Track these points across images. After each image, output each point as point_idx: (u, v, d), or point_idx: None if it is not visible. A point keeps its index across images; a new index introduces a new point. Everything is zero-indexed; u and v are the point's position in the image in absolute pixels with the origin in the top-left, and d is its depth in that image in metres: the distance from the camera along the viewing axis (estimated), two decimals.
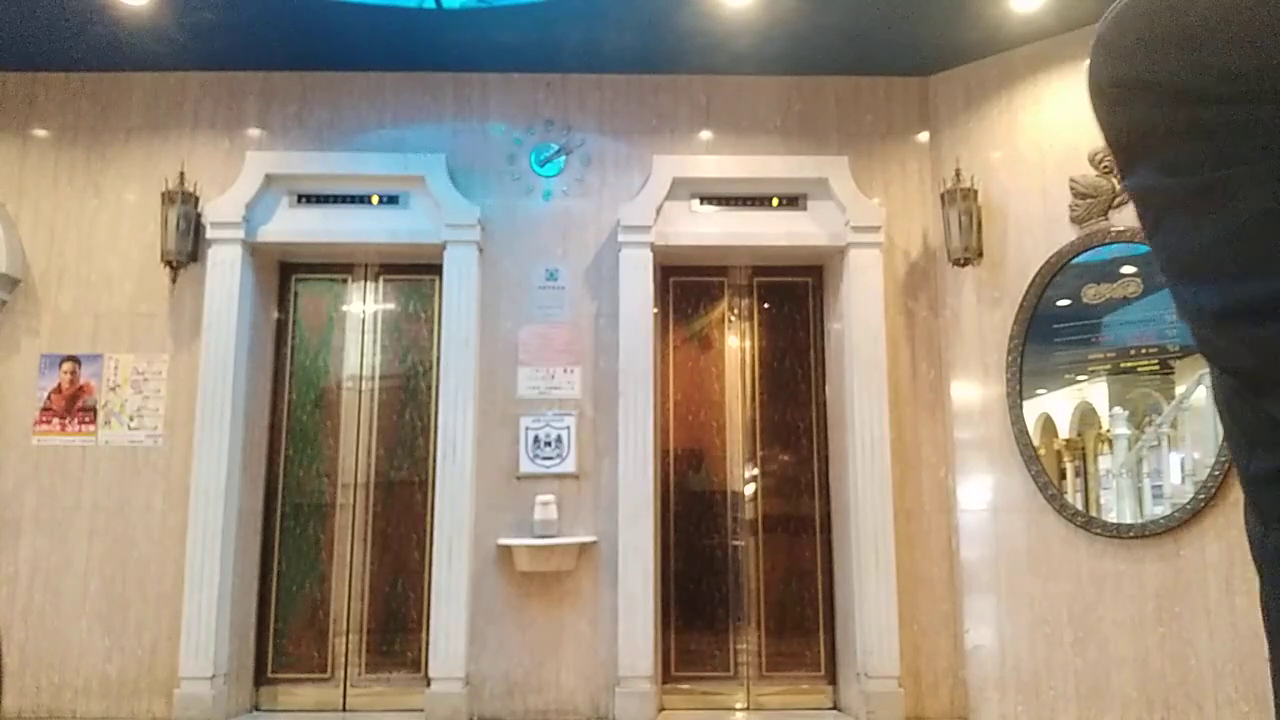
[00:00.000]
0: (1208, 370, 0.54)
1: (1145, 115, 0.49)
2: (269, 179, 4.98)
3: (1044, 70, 4.66)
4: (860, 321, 4.89)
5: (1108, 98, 0.50)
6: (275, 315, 5.22)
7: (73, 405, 4.86)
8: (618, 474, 4.76)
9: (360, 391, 5.16)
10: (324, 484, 5.09)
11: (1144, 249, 4.21)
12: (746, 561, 5.07)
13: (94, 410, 4.86)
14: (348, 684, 4.93)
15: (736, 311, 5.31)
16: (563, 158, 5.14)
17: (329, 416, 5.15)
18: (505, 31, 4.75)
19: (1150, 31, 0.48)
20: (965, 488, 4.83)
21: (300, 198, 5.04)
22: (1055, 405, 4.68)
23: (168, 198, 4.87)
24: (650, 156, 5.08)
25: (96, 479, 4.80)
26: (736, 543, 5.08)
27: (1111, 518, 4.38)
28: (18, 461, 4.82)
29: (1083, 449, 4.60)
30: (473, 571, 4.74)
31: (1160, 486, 4.33)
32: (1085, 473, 4.58)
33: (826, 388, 5.19)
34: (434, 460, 4.90)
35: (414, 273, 5.24)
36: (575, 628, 4.76)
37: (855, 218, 4.95)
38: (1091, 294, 4.49)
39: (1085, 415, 4.58)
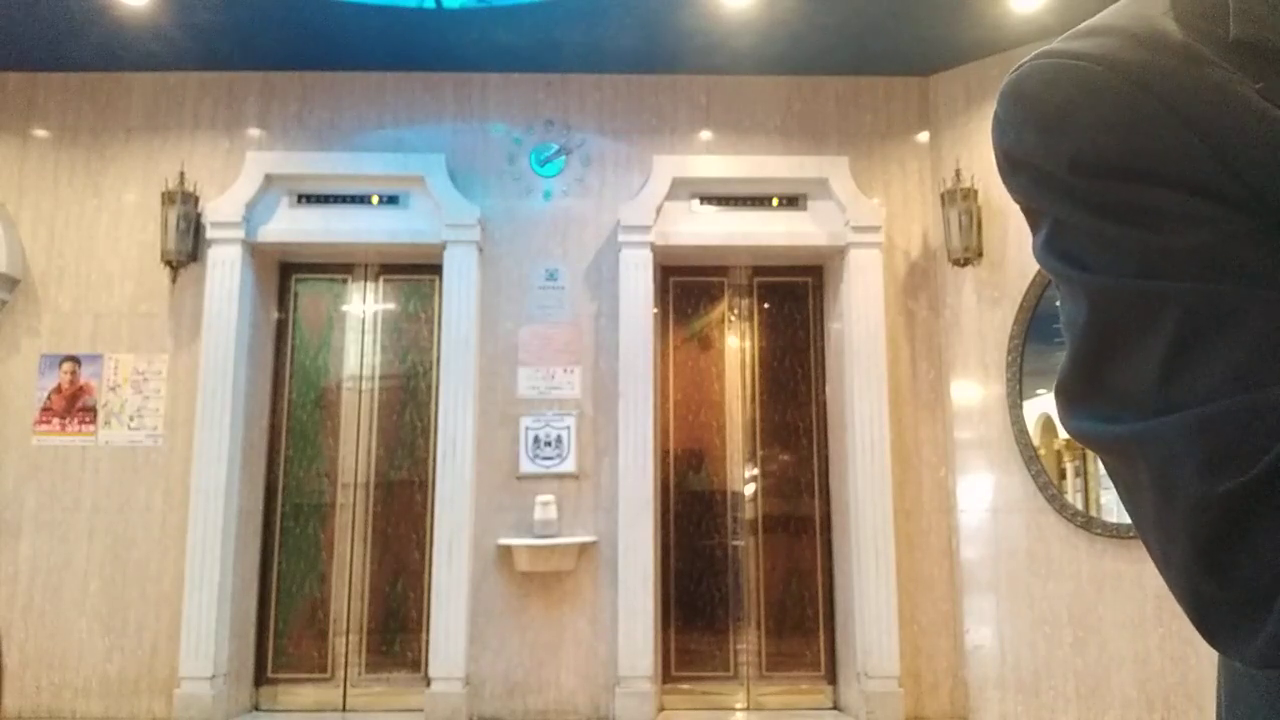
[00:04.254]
0: None
1: (1027, 191, 0.50)
2: (269, 179, 4.98)
3: None
4: (860, 321, 4.89)
5: (1000, 167, 0.52)
6: (275, 315, 5.22)
7: (73, 405, 4.86)
8: (618, 474, 4.76)
9: (360, 391, 5.16)
10: (324, 484, 5.09)
11: None
12: (746, 561, 5.07)
13: (94, 410, 4.86)
14: (348, 684, 4.93)
15: (736, 311, 5.31)
16: (563, 158, 5.14)
17: (329, 416, 5.15)
18: (505, 31, 4.75)
19: (1021, 112, 0.50)
20: (965, 488, 4.83)
21: (300, 198, 5.04)
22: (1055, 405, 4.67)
23: (168, 198, 4.87)
24: (650, 156, 5.08)
25: (96, 479, 4.80)
26: (736, 543, 5.08)
27: (1111, 518, 4.38)
28: (18, 461, 4.81)
29: (1083, 449, 4.60)
30: (473, 571, 4.74)
31: None
32: (1085, 473, 4.58)
33: (826, 388, 5.19)
34: (434, 460, 4.90)
35: (414, 273, 5.24)
36: (575, 628, 4.76)
37: (855, 218, 4.95)
38: None
39: None
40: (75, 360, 4.89)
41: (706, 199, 5.07)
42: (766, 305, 5.32)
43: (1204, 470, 0.41)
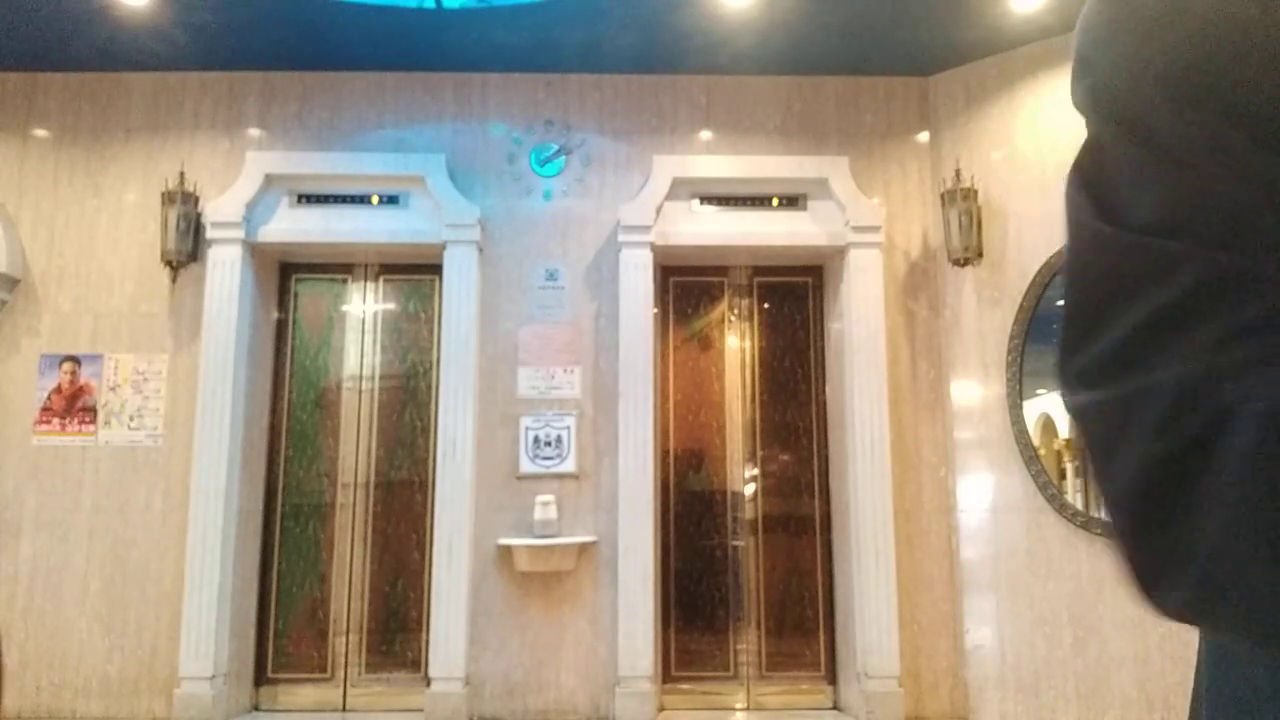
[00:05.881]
0: None
1: (1083, 100, 0.47)
2: (269, 179, 4.98)
3: (1044, 70, 4.66)
4: (860, 321, 4.89)
5: (1073, 71, 0.48)
6: (275, 315, 5.22)
7: (73, 405, 4.86)
8: (618, 474, 4.76)
9: (360, 391, 5.16)
10: (324, 484, 5.09)
11: None
12: (746, 561, 5.07)
13: (94, 410, 4.86)
14: (348, 684, 4.93)
15: (736, 311, 5.31)
16: (563, 158, 5.14)
17: (329, 416, 5.15)
18: (505, 31, 4.75)
19: (1114, 10, 0.45)
20: (965, 488, 4.83)
21: (300, 198, 5.04)
22: (1055, 405, 4.68)
23: (168, 198, 4.87)
24: (650, 156, 5.08)
25: (96, 479, 4.80)
26: (736, 543, 5.08)
27: None
28: (18, 461, 4.81)
29: (1083, 450, 4.59)
30: (473, 571, 4.74)
31: None
32: (1085, 473, 4.58)
33: (826, 388, 5.19)
34: (434, 460, 4.90)
35: (414, 273, 5.24)
36: (575, 628, 4.76)
37: (855, 218, 4.95)
38: None
39: None
40: (75, 360, 4.89)
41: (706, 199, 5.07)
42: (766, 305, 5.32)
43: (1143, 437, 0.41)
